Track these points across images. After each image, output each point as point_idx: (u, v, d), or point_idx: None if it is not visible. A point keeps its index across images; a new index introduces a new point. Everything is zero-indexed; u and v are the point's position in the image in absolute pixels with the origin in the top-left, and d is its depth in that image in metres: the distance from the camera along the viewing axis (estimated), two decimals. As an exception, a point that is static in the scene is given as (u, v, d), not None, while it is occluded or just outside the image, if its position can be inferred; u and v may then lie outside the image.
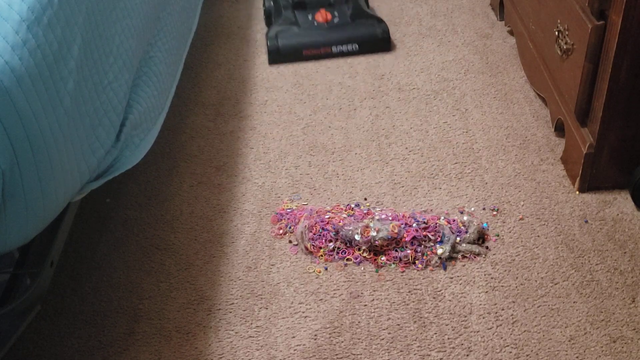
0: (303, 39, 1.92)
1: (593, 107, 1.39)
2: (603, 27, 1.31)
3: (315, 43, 1.92)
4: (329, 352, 1.16)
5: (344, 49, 1.92)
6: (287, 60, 1.91)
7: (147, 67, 1.33)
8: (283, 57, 1.91)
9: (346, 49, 1.92)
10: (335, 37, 1.92)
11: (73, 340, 1.19)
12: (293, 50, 1.91)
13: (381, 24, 1.95)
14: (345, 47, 1.91)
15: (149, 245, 1.37)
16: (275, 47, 1.90)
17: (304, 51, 1.91)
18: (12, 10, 0.87)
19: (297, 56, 1.91)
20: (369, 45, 1.93)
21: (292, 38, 1.92)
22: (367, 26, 1.94)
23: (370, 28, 1.94)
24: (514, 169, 1.53)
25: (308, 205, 1.45)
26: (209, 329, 1.21)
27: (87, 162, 1.04)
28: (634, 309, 1.21)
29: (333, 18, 1.96)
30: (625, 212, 1.41)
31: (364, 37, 1.93)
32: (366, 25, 1.94)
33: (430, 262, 1.30)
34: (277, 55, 1.91)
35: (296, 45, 1.91)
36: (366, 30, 1.93)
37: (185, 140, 1.65)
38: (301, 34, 1.93)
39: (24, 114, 0.85)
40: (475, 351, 1.15)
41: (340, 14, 1.98)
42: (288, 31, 1.94)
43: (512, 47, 1.94)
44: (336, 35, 1.93)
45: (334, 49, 1.92)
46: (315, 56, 1.91)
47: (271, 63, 1.91)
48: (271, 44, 1.91)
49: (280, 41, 1.91)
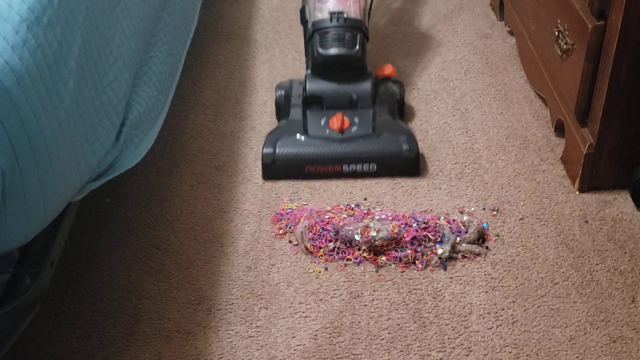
0: (307, 150, 1.50)
1: (593, 107, 1.39)
2: (603, 27, 1.31)
3: (322, 158, 1.50)
4: (329, 352, 1.16)
5: (357, 169, 1.50)
6: (284, 176, 1.51)
7: (147, 67, 1.33)
8: (279, 172, 1.51)
9: (360, 169, 1.50)
10: (348, 152, 1.50)
11: (73, 340, 1.19)
12: (292, 164, 1.50)
13: (408, 139, 1.51)
14: (360, 166, 1.49)
15: (149, 245, 1.37)
16: (270, 158, 1.50)
17: (307, 167, 1.50)
18: (12, 10, 0.87)
19: (297, 172, 1.51)
20: (390, 167, 1.50)
21: (293, 147, 1.50)
22: (389, 141, 1.51)
23: (394, 144, 1.50)
24: (514, 169, 1.53)
25: (308, 205, 1.45)
26: (209, 329, 1.21)
27: (87, 162, 1.04)
28: (634, 309, 1.21)
29: (351, 126, 1.53)
30: (625, 212, 1.41)
31: (384, 157, 1.49)
32: (388, 139, 1.51)
33: (430, 262, 1.30)
34: (271, 169, 1.51)
35: (297, 158, 1.50)
36: (387, 147, 1.50)
37: (185, 140, 1.65)
38: (306, 143, 1.51)
39: (24, 114, 0.85)
40: (475, 351, 1.15)
41: (361, 121, 1.55)
42: (290, 138, 1.52)
43: (512, 47, 1.94)
44: (350, 150, 1.50)
45: (344, 168, 1.50)
46: (320, 174, 1.51)
47: (265, 178, 1.51)
48: (266, 152, 1.50)
49: (279, 151, 1.50)
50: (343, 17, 1.58)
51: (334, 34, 1.57)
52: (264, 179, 1.52)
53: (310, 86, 1.61)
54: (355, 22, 1.60)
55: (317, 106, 1.60)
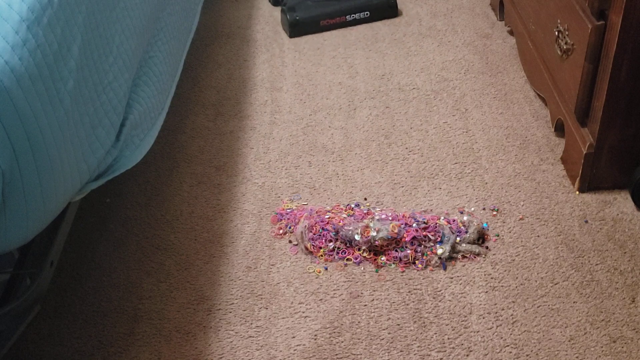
0: (320, 10, 2.12)
1: (593, 107, 1.39)
2: (603, 27, 1.31)
3: (331, 13, 2.12)
4: (329, 352, 1.16)
5: (356, 17, 2.13)
6: (307, 32, 2.10)
7: (147, 67, 1.33)
8: (303, 29, 2.09)
9: (359, 16, 2.13)
10: (348, 6, 2.13)
11: (73, 340, 1.19)
12: (311, 21, 2.10)
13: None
14: (358, 15, 2.13)
15: (149, 245, 1.37)
16: (295, 21, 2.08)
17: (322, 22, 2.11)
18: (12, 10, 0.87)
19: (315, 27, 2.10)
20: (379, 12, 2.14)
21: (309, 11, 2.11)
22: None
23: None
24: (514, 169, 1.53)
25: (308, 205, 1.45)
26: (209, 329, 1.21)
27: (87, 162, 1.04)
28: (634, 309, 1.21)
29: None
30: (625, 212, 1.41)
31: (374, 5, 2.13)
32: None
33: (430, 262, 1.30)
34: (297, 27, 2.09)
35: (314, 16, 2.10)
36: None
37: (185, 140, 1.65)
38: (317, 6, 2.13)
39: (24, 114, 0.85)
40: (475, 351, 1.15)
41: None
42: (303, 5, 2.13)
43: (512, 47, 1.94)
44: (348, 5, 2.13)
45: (347, 17, 2.12)
46: (331, 26, 2.12)
47: (292, 36, 2.09)
48: (291, 17, 2.09)
49: (299, 14, 2.09)
50: None
51: None
52: (290, 37, 2.09)
53: None
54: None
55: None
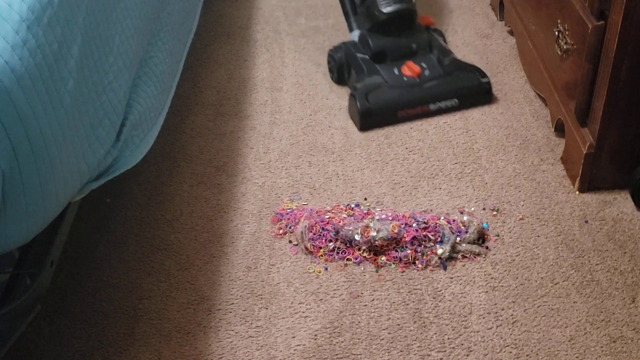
0: (396, 97, 1.67)
1: (593, 107, 1.39)
2: (603, 27, 1.31)
3: (412, 101, 1.67)
4: (329, 352, 1.16)
5: (442, 106, 1.69)
6: (380, 124, 1.66)
7: (147, 67, 1.33)
8: (376, 119, 1.66)
9: (444, 105, 1.69)
10: (432, 92, 1.68)
11: (73, 340, 1.19)
12: (386, 111, 1.66)
13: (480, 73, 1.73)
14: (444, 103, 1.69)
15: (149, 245, 1.37)
16: (367, 109, 1.64)
17: (399, 112, 1.66)
18: (12, 10, 0.87)
19: (391, 118, 1.66)
20: (470, 98, 1.71)
21: (383, 97, 1.66)
22: (466, 77, 1.72)
23: (470, 79, 1.72)
24: (514, 169, 1.53)
25: (308, 205, 1.45)
26: (209, 329, 1.21)
27: (87, 162, 1.04)
28: (634, 309, 1.21)
29: (423, 70, 1.71)
30: (625, 212, 1.41)
31: (464, 90, 1.70)
32: (464, 76, 1.72)
33: (430, 262, 1.30)
34: (369, 118, 1.65)
35: (390, 105, 1.66)
36: (466, 82, 1.71)
37: (185, 140, 1.65)
38: (392, 91, 1.67)
39: (24, 114, 0.85)
40: (475, 351, 1.15)
41: (428, 64, 1.74)
42: (377, 90, 1.67)
43: (512, 47, 1.94)
44: (432, 90, 1.68)
45: (431, 106, 1.68)
46: (411, 117, 1.67)
47: (362, 129, 1.65)
48: (362, 105, 1.63)
49: (372, 101, 1.64)
50: None
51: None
52: (360, 130, 1.66)
53: (374, 42, 1.76)
54: None
55: (382, 60, 1.76)
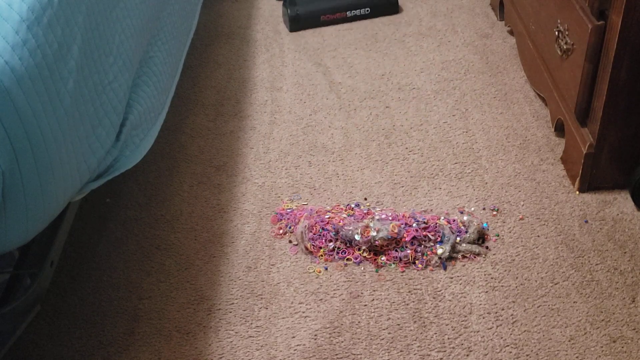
0: (320, 5, 2.14)
1: (593, 107, 1.39)
2: (603, 27, 1.31)
3: (332, 9, 2.13)
4: (329, 352, 1.16)
5: (357, 13, 2.14)
6: (307, 26, 2.12)
7: (147, 67, 1.33)
8: (303, 23, 2.11)
9: (359, 12, 2.14)
10: (349, 3, 2.14)
11: (73, 340, 1.19)
12: (312, 16, 2.12)
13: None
14: (359, 11, 2.14)
15: (149, 245, 1.37)
16: (295, 15, 2.10)
17: (322, 17, 2.12)
18: (12, 10, 0.87)
19: (315, 22, 2.12)
20: (380, 9, 2.15)
21: (310, 5, 2.13)
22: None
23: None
24: (514, 169, 1.53)
25: (308, 205, 1.45)
26: (209, 329, 1.21)
27: (87, 162, 1.04)
28: (634, 309, 1.21)
29: None
30: (625, 212, 1.41)
31: (375, 2, 2.14)
32: None
33: (430, 262, 1.30)
34: (297, 22, 2.11)
35: (315, 11, 2.12)
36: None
37: (185, 140, 1.65)
38: (318, 0, 2.15)
39: (24, 114, 0.85)
40: (475, 351, 1.15)
41: None
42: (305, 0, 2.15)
43: (512, 47, 1.94)
44: (349, 1, 2.14)
45: (348, 13, 2.13)
46: (332, 21, 2.13)
47: (292, 30, 2.12)
48: (292, 12, 2.11)
49: (300, 9, 2.11)
50: None
51: None
52: (290, 31, 2.11)
53: None
54: None
55: None
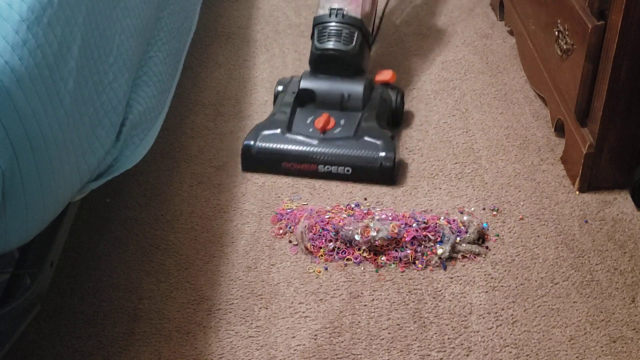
0: (285, 146, 1.50)
1: (593, 107, 1.39)
2: (603, 27, 1.31)
3: (299, 156, 1.49)
4: (329, 352, 1.16)
5: (332, 170, 1.48)
6: (262, 169, 1.52)
7: (147, 67, 1.33)
8: (257, 164, 1.52)
9: (335, 170, 1.48)
10: (325, 153, 1.48)
11: (73, 340, 1.19)
12: (270, 158, 1.50)
13: (388, 148, 1.47)
14: (335, 168, 1.48)
15: (149, 245, 1.37)
16: (247, 149, 1.51)
17: (284, 163, 1.50)
18: (12, 10, 0.87)
19: (274, 167, 1.51)
20: (365, 173, 1.48)
21: (272, 142, 1.50)
22: (368, 147, 1.48)
23: (371, 149, 1.48)
24: (514, 169, 1.53)
25: (308, 205, 1.45)
26: (209, 329, 1.21)
27: (87, 162, 1.04)
28: (634, 309, 1.21)
29: (335, 127, 1.52)
30: (625, 212, 1.41)
31: (359, 162, 1.47)
32: (367, 145, 1.48)
33: (430, 262, 1.30)
34: (249, 160, 1.52)
35: (275, 153, 1.50)
36: (363, 153, 1.47)
37: (185, 140, 1.65)
38: (286, 140, 1.51)
39: (24, 114, 0.85)
40: (475, 351, 1.15)
41: (347, 123, 1.53)
42: (273, 132, 1.52)
43: (512, 47, 1.94)
44: (326, 150, 1.48)
45: (320, 168, 1.48)
46: (296, 171, 1.50)
47: (243, 169, 1.53)
48: (246, 145, 1.51)
49: (259, 143, 1.51)
50: (342, 13, 1.60)
51: (332, 29, 1.60)
52: (242, 170, 1.53)
53: (305, 82, 1.61)
54: (355, 20, 1.61)
55: (310, 104, 1.60)
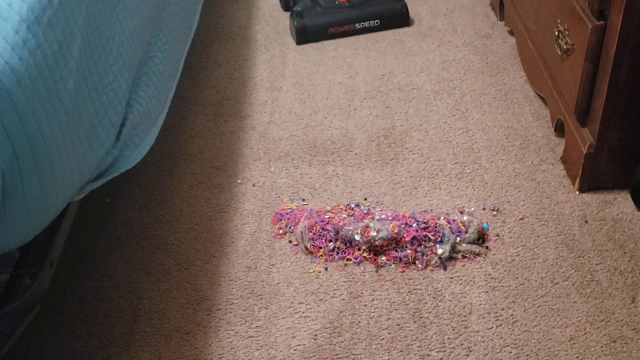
0: (328, 18, 2.05)
1: (593, 107, 1.39)
2: (603, 27, 1.31)
3: (340, 21, 2.05)
4: (329, 352, 1.16)
5: (366, 25, 2.06)
6: (314, 39, 2.04)
7: (147, 67, 1.33)
8: (310, 36, 2.04)
9: (368, 24, 2.06)
10: (358, 14, 2.06)
11: (73, 340, 1.19)
12: (319, 29, 2.04)
13: (399, 0, 2.08)
14: (368, 23, 2.06)
15: (149, 245, 1.37)
16: (302, 27, 2.02)
17: (330, 29, 2.04)
18: (12, 10, 0.87)
19: (322, 35, 2.04)
20: (390, 20, 2.08)
21: (317, 17, 2.05)
22: (387, 3, 2.08)
23: (390, 4, 2.08)
24: (514, 169, 1.53)
25: (308, 205, 1.45)
26: (209, 329, 1.21)
27: (87, 162, 1.04)
28: (634, 309, 1.21)
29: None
30: (625, 212, 1.41)
31: (385, 13, 2.07)
32: (385, 2, 2.08)
33: (430, 262, 1.30)
34: (304, 34, 2.03)
35: (322, 24, 2.04)
36: (386, 7, 2.07)
37: (185, 140, 1.65)
38: (325, 13, 2.06)
39: (24, 114, 0.85)
40: (475, 351, 1.15)
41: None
42: (312, 11, 2.06)
43: (512, 47, 1.94)
44: (358, 13, 2.06)
45: (357, 25, 2.05)
46: (339, 34, 2.05)
47: (299, 43, 2.04)
48: (298, 23, 2.02)
49: (307, 21, 2.03)
50: None
51: None
52: (297, 44, 2.03)
53: None
54: None
55: None
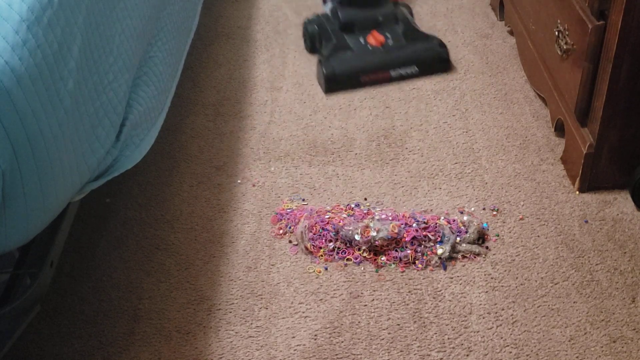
0: (359, 63, 1.81)
1: (593, 107, 1.39)
2: (603, 27, 1.31)
3: (373, 67, 1.81)
4: (329, 352, 1.16)
5: (402, 72, 1.82)
6: (344, 87, 1.80)
7: (147, 67, 1.33)
8: (340, 84, 1.79)
9: (405, 72, 1.82)
10: (393, 60, 1.82)
11: (73, 340, 1.19)
12: (350, 76, 1.79)
13: (439, 43, 1.86)
14: (404, 70, 1.81)
15: (149, 245, 1.37)
16: (332, 74, 1.78)
17: (362, 77, 1.80)
18: (12, 10, 0.87)
19: (354, 83, 1.80)
20: (429, 66, 1.84)
21: (347, 63, 1.80)
22: (425, 46, 1.85)
23: (429, 48, 1.85)
24: (514, 169, 1.53)
25: (308, 205, 1.45)
26: (209, 329, 1.21)
27: (87, 162, 1.04)
28: (634, 309, 1.21)
29: (387, 40, 1.85)
30: (625, 212, 1.41)
31: (423, 59, 1.83)
32: (424, 45, 1.85)
33: (430, 262, 1.30)
34: (334, 82, 1.79)
35: (353, 70, 1.80)
36: (425, 51, 1.84)
37: (185, 140, 1.65)
38: (356, 58, 1.82)
39: (24, 114, 0.85)
40: (475, 351, 1.15)
41: (392, 35, 1.87)
42: (342, 56, 1.81)
43: (512, 47, 1.94)
44: (393, 57, 1.82)
45: (392, 72, 1.81)
46: (373, 82, 1.81)
47: (327, 92, 1.79)
48: (327, 70, 1.78)
49: (337, 67, 1.78)
50: None
51: None
52: (326, 93, 1.79)
53: (343, 14, 1.91)
54: None
55: (350, 30, 1.90)
